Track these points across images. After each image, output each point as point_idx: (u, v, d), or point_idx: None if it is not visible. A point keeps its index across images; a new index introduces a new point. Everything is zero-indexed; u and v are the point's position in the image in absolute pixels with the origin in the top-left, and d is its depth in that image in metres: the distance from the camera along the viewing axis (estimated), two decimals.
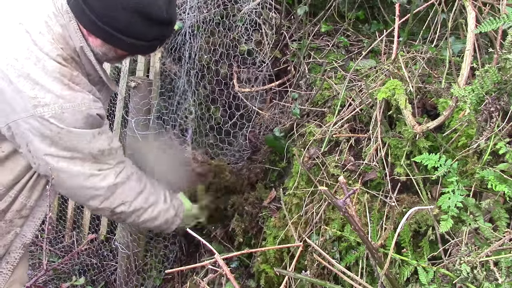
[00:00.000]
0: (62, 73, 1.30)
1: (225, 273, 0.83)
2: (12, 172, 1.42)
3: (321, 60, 2.01)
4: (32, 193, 1.48)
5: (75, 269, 2.58)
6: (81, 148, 1.37)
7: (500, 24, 1.17)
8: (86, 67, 1.41)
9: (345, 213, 0.92)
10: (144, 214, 1.59)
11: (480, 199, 1.20)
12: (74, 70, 1.34)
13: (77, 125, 1.33)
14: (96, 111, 1.38)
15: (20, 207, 1.46)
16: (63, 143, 1.34)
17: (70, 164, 1.38)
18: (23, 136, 1.33)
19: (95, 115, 1.38)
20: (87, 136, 1.37)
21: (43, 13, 1.31)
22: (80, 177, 1.41)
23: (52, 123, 1.29)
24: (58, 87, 1.28)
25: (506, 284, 0.98)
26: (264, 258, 1.78)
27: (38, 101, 1.26)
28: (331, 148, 1.67)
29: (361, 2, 2.10)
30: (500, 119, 1.14)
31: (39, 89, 1.26)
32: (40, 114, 1.27)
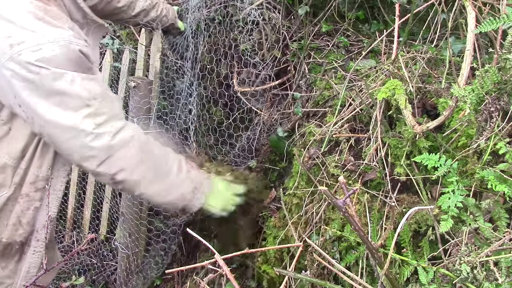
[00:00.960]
0: (35, 7, 1.19)
1: (225, 273, 0.83)
2: (17, 140, 1.32)
3: (321, 60, 2.01)
4: (42, 162, 1.37)
5: (75, 269, 2.58)
6: (67, 89, 1.21)
7: (500, 24, 1.17)
8: (67, 4, 1.30)
9: (345, 213, 0.92)
10: (151, 186, 1.40)
11: (480, 199, 1.20)
12: (50, 4, 1.23)
13: (58, 62, 1.19)
14: (79, 47, 1.23)
15: (33, 179, 1.37)
16: (45, 85, 1.19)
17: (61, 114, 1.22)
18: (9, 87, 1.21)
19: (78, 51, 1.22)
20: (70, 76, 1.21)
21: None
22: (72, 132, 1.25)
23: (30, 62, 1.16)
24: (32, 22, 1.17)
25: (506, 284, 0.98)
26: (265, 258, 1.78)
27: (13, 40, 1.15)
28: (331, 148, 1.67)
29: (361, 2, 2.10)
30: (500, 119, 1.14)
31: (12, 27, 1.16)
32: (17, 52, 1.15)
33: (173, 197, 1.47)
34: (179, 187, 1.46)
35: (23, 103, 1.23)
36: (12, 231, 1.38)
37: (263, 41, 2.08)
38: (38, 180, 1.39)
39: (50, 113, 1.22)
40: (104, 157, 1.31)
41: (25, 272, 1.44)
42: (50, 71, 1.18)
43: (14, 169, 1.34)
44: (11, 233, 1.38)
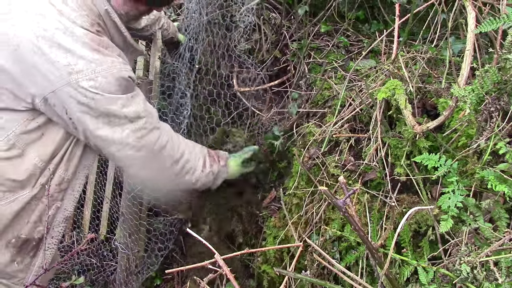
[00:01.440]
0: (91, 39, 1.32)
1: (225, 273, 0.83)
2: (48, 145, 1.43)
3: (321, 60, 2.01)
4: (69, 166, 1.49)
5: (75, 269, 2.58)
6: (118, 113, 1.39)
7: (500, 24, 1.17)
8: (110, 31, 1.44)
9: (345, 213, 0.92)
10: (180, 179, 1.63)
11: (480, 199, 1.20)
12: (100, 35, 1.37)
13: (111, 89, 1.35)
14: (127, 73, 1.40)
15: (59, 181, 1.48)
16: (99, 108, 1.35)
17: (109, 131, 1.40)
18: (63, 105, 1.34)
19: (127, 77, 1.39)
20: (122, 101, 1.39)
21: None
22: (118, 146, 1.44)
23: (87, 89, 1.31)
24: (88, 53, 1.31)
25: (506, 284, 0.98)
26: (264, 258, 1.78)
27: (72, 68, 1.29)
28: (331, 148, 1.67)
29: (361, 2, 2.10)
30: (500, 119, 1.14)
31: (71, 56, 1.29)
32: (75, 80, 1.29)
33: (198, 186, 1.73)
34: (203, 179, 1.70)
35: (75, 119, 1.37)
36: (32, 228, 1.45)
37: (262, 41, 2.08)
38: (63, 182, 1.50)
39: (100, 130, 1.39)
40: (145, 163, 1.51)
41: (38, 267, 1.50)
42: (104, 97, 1.34)
43: (42, 170, 1.44)
44: (31, 230, 1.45)
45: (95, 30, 1.36)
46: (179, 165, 1.61)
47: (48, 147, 1.44)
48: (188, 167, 1.64)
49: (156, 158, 1.54)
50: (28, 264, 1.47)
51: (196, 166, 1.67)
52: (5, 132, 1.36)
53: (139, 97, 1.47)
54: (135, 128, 1.45)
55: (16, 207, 1.39)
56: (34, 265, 1.49)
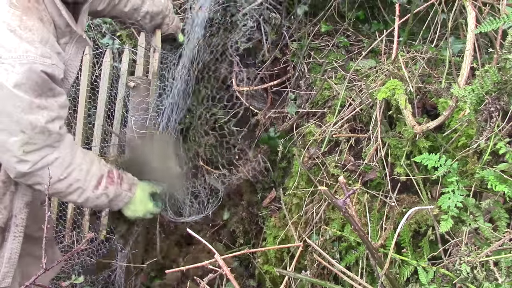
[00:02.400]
0: (11, 17, 1.18)
1: (225, 273, 0.83)
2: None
3: (321, 60, 2.01)
4: None
5: (74, 269, 2.58)
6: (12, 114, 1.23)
7: (500, 24, 1.17)
8: (49, 8, 1.26)
9: (345, 213, 0.92)
10: (68, 197, 1.51)
11: (480, 199, 1.20)
12: (27, 12, 1.20)
13: (17, 81, 1.19)
14: (42, 67, 1.22)
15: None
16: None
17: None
18: None
19: (39, 72, 1.21)
20: (23, 103, 1.22)
21: None
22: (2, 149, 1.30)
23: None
24: (1, 34, 1.17)
25: (506, 284, 0.98)
26: (265, 258, 1.78)
27: None
28: (331, 148, 1.67)
29: (361, 2, 2.09)
30: (500, 119, 1.14)
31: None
32: None
33: (89, 206, 1.68)
34: (94, 201, 1.57)
35: None
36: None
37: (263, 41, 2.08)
38: None
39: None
40: (21, 176, 1.39)
41: (7, 258, 1.47)
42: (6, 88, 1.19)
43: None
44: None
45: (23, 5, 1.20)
46: (64, 183, 1.45)
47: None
48: (75, 187, 1.49)
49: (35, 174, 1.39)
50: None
51: (86, 187, 1.51)
52: None
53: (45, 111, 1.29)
54: (24, 141, 1.30)
55: None
56: (3, 257, 1.46)
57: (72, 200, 1.55)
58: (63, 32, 1.33)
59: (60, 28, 1.31)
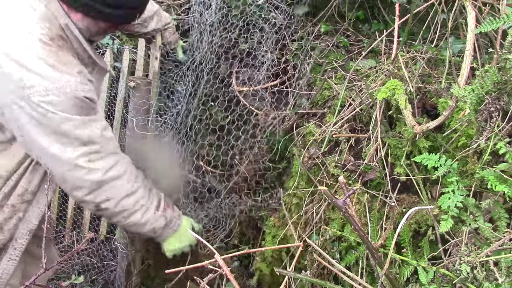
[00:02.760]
0: (47, 54, 1.28)
1: (225, 273, 0.83)
2: (15, 157, 1.43)
3: (321, 60, 2.01)
4: (33, 178, 1.47)
5: (74, 269, 2.58)
6: (69, 133, 1.33)
7: (500, 24, 1.17)
8: (74, 45, 1.38)
9: (345, 213, 0.92)
10: (131, 217, 1.54)
11: (480, 199, 1.20)
12: (60, 49, 1.32)
13: (64, 108, 1.30)
14: (83, 93, 1.34)
15: (21, 192, 1.46)
16: (51, 126, 1.31)
17: (60, 149, 1.34)
18: (15, 119, 1.32)
19: (82, 97, 1.33)
20: (74, 122, 1.33)
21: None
22: (67, 166, 1.37)
23: (39, 105, 1.27)
24: (42, 68, 1.27)
25: (506, 284, 0.98)
26: (262, 257, 1.78)
27: (24, 83, 1.25)
28: (331, 148, 1.67)
29: (361, 2, 2.09)
30: (500, 119, 1.14)
31: (25, 71, 1.25)
32: (27, 95, 1.26)
33: (146, 230, 1.61)
34: (153, 223, 1.60)
35: (26, 134, 1.34)
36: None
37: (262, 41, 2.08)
38: (26, 193, 1.48)
39: (51, 148, 1.34)
40: (93, 188, 1.43)
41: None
42: (55, 114, 1.29)
43: (5, 180, 1.44)
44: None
45: (56, 44, 1.31)
46: (131, 199, 1.51)
47: (14, 159, 1.43)
48: (141, 204, 1.54)
49: (107, 187, 1.45)
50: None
51: (149, 206, 1.57)
52: None
53: (97, 123, 1.41)
54: (88, 151, 1.39)
55: None
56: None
57: (135, 220, 1.55)
58: (86, 64, 1.44)
59: (83, 60, 1.42)
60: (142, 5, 1.45)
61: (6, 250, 1.52)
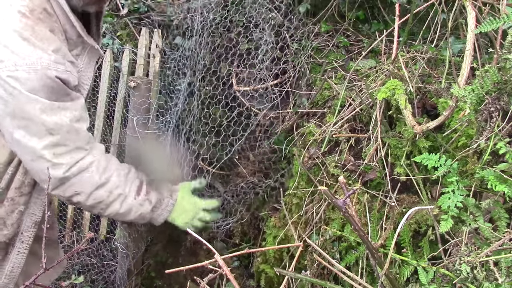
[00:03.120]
0: (23, 26, 1.18)
1: (225, 273, 0.83)
2: (4, 147, 1.35)
3: (321, 60, 2.01)
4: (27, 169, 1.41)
5: (74, 269, 2.58)
6: (35, 117, 1.23)
7: (500, 24, 1.17)
8: (61, 21, 1.27)
9: (345, 213, 0.92)
10: (109, 208, 1.46)
11: (480, 199, 1.20)
12: (39, 23, 1.21)
13: (32, 87, 1.20)
14: (56, 73, 1.22)
15: (19, 185, 1.42)
16: (16, 107, 1.21)
17: (25, 137, 1.25)
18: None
19: (54, 77, 1.22)
20: (41, 105, 1.22)
21: None
22: (30, 155, 1.29)
23: (6, 81, 1.18)
24: (14, 42, 1.17)
25: (506, 284, 0.98)
26: (264, 258, 1.78)
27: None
28: (331, 148, 1.67)
29: (361, 2, 2.10)
30: (500, 119, 1.14)
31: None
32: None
33: (132, 217, 1.52)
34: (138, 208, 1.51)
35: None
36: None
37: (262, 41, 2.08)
38: (23, 186, 1.44)
39: (15, 133, 1.25)
40: (58, 184, 1.36)
41: (9, 271, 1.48)
42: (22, 93, 1.19)
43: (1, 174, 1.39)
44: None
45: (35, 16, 1.20)
46: (102, 190, 1.42)
47: (5, 149, 1.36)
48: (116, 193, 1.44)
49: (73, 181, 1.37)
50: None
51: (127, 193, 1.47)
52: None
53: (69, 111, 1.30)
54: (54, 143, 1.29)
55: None
56: (5, 269, 1.47)
57: (115, 211, 1.47)
58: (75, 43, 1.33)
59: (71, 39, 1.32)
60: None
61: (14, 244, 1.50)
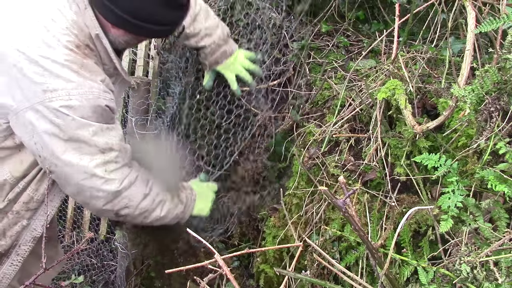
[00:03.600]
0: (72, 60, 1.29)
1: (225, 273, 0.83)
2: (22, 163, 1.42)
3: (321, 60, 2.01)
4: (39, 187, 1.47)
5: (74, 269, 2.58)
6: (87, 140, 1.34)
7: (500, 24, 1.17)
8: (102, 55, 1.40)
9: (345, 213, 0.92)
10: (151, 214, 1.57)
11: (480, 199, 1.20)
12: (86, 57, 1.33)
13: (84, 114, 1.31)
14: (106, 102, 1.35)
15: (27, 200, 1.46)
16: (68, 132, 1.31)
17: (76, 157, 1.34)
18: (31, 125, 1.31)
19: (104, 106, 1.35)
20: (93, 128, 1.34)
21: (57, 2, 1.31)
22: (83, 175, 1.37)
23: (59, 110, 1.27)
24: (66, 73, 1.28)
25: (506, 284, 0.98)
26: (264, 258, 1.78)
27: (47, 87, 1.26)
28: (331, 148, 1.67)
29: (361, 2, 2.10)
30: (500, 119, 1.14)
31: (48, 75, 1.26)
32: (48, 99, 1.27)
33: (168, 219, 1.64)
34: (174, 210, 1.63)
35: (40, 141, 1.33)
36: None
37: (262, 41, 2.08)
38: (32, 202, 1.48)
39: (66, 154, 1.34)
40: (111, 198, 1.45)
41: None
42: (75, 120, 1.30)
43: (12, 186, 1.43)
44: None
45: (81, 51, 1.32)
46: (148, 199, 1.54)
47: (22, 165, 1.42)
48: (158, 200, 1.58)
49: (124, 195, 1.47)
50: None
51: (165, 198, 1.60)
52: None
53: (115, 131, 1.42)
54: (105, 160, 1.39)
55: None
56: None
57: (156, 216, 1.59)
58: (110, 74, 1.45)
59: (108, 70, 1.44)
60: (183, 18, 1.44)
61: (9, 256, 1.52)
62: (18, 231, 1.49)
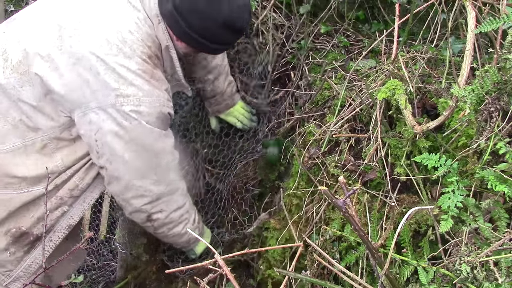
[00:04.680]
0: (144, 70, 1.41)
1: (225, 273, 0.83)
2: (75, 154, 1.50)
3: (321, 60, 2.01)
4: (86, 175, 1.53)
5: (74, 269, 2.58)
6: (148, 143, 1.46)
7: (500, 24, 1.17)
8: (165, 63, 1.53)
9: (345, 213, 0.92)
10: (175, 228, 1.66)
11: (480, 199, 1.20)
12: (155, 67, 1.46)
13: (150, 120, 1.42)
14: (168, 109, 1.47)
15: (73, 187, 1.52)
16: (132, 134, 1.42)
17: (132, 157, 1.45)
18: (97, 123, 1.40)
19: (166, 113, 1.47)
20: (155, 134, 1.45)
21: (134, 15, 1.44)
22: (135, 174, 1.49)
23: (129, 114, 1.38)
24: (139, 82, 1.39)
25: (506, 284, 0.98)
26: (268, 264, 1.77)
27: (120, 92, 1.37)
28: (331, 148, 1.67)
29: (361, 2, 2.10)
30: (500, 119, 1.14)
31: (123, 82, 1.37)
32: (120, 103, 1.37)
33: (183, 240, 1.75)
34: (190, 234, 1.73)
35: (103, 140, 1.43)
36: (34, 223, 1.48)
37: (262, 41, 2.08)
38: (76, 189, 1.54)
39: (125, 154, 1.44)
40: (154, 199, 1.55)
41: (27, 265, 1.51)
42: (141, 124, 1.41)
43: (60, 173, 1.49)
44: (33, 225, 1.48)
45: (152, 62, 1.44)
46: (179, 212, 1.65)
47: (74, 155, 1.50)
48: (185, 217, 1.68)
49: (165, 199, 1.58)
50: (19, 259, 1.49)
51: (190, 218, 1.71)
52: (42, 133, 1.44)
53: (170, 138, 1.54)
54: (160, 164, 1.51)
55: (26, 198, 1.45)
56: (25, 262, 1.51)
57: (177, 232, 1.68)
58: (170, 80, 1.56)
59: (166, 78, 1.54)
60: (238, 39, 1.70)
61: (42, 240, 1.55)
62: (58, 216, 1.53)
